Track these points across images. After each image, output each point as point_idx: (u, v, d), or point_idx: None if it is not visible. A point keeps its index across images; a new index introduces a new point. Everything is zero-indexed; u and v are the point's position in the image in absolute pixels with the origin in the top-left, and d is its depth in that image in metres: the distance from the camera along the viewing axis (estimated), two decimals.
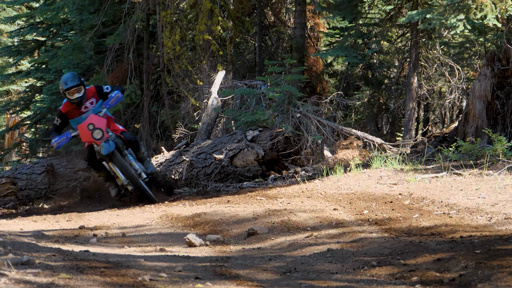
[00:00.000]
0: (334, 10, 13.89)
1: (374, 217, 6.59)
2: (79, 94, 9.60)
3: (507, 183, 7.39)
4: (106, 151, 9.44)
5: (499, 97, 9.72)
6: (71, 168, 13.23)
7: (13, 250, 4.35)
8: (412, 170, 8.66)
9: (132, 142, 9.93)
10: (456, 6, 10.21)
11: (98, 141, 9.46)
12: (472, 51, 14.24)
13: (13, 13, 19.77)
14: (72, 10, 14.16)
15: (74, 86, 9.55)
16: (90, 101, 9.79)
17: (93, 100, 9.79)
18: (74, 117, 9.75)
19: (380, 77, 15.47)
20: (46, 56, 15.34)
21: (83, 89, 9.64)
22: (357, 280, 4.08)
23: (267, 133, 11.14)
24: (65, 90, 9.61)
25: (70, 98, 9.62)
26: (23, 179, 13.05)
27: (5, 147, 19.45)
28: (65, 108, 9.79)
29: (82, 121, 9.59)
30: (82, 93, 9.62)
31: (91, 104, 9.74)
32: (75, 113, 9.76)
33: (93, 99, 9.79)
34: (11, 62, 18.63)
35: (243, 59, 17.16)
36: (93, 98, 9.80)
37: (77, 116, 9.72)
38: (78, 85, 9.58)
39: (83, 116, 9.64)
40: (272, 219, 6.74)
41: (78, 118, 9.69)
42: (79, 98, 9.60)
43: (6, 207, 12.62)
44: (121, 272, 3.90)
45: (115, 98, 9.56)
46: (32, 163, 13.84)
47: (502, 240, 4.96)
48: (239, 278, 4.10)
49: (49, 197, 12.98)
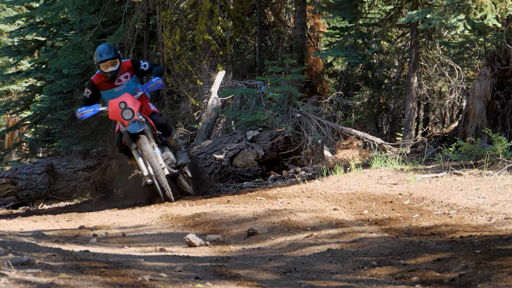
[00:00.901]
0: (334, 10, 13.89)
1: (374, 217, 6.59)
2: (113, 67, 8.96)
3: (507, 183, 7.39)
4: (133, 130, 8.82)
5: (499, 97, 9.72)
6: (71, 168, 13.23)
7: (13, 250, 4.35)
8: (412, 170, 8.66)
9: (162, 126, 9.28)
10: (456, 6, 10.21)
11: (126, 121, 8.85)
12: (472, 51, 14.24)
13: (13, 13, 19.76)
14: (72, 10, 14.15)
15: (110, 59, 8.91)
16: (124, 75, 9.13)
17: (128, 74, 9.14)
18: (106, 90, 9.13)
19: (380, 77, 15.47)
20: (46, 56, 15.34)
21: (118, 62, 8.98)
22: (357, 280, 4.08)
23: (267, 133, 11.15)
24: (99, 62, 8.95)
25: (103, 71, 8.96)
26: (23, 179, 13.05)
27: (5, 147, 19.45)
28: (97, 79, 9.13)
29: (114, 95, 9.02)
30: (117, 67, 8.98)
31: (126, 79, 9.12)
32: (107, 85, 9.12)
33: (127, 73, 9.14)
34: (11, 62, 18.63)
35: (243, 59, 17.16)
36: (128, 73, 9.14)
37: (109, 89, 9.12)
38: (113, 58, 8.93)
39: (115, 90, 9.06)
40: (272, 219, 6.75)
41: (110, 91, 9.10)
42: (114, 72, 8.96)
43: (6, 207, 12.63)
44: (121, 272, 3.90)
45: (154, 84, 8.95)
46: (32, 163, 13.86)
47: (502, 240, 4.96)
48: (239, 278, 4.10)
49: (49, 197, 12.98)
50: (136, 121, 8.87)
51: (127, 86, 9.09)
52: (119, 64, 9.00)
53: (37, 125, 16.45)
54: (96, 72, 9.21)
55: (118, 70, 9.01)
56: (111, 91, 9.08)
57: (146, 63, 9.18)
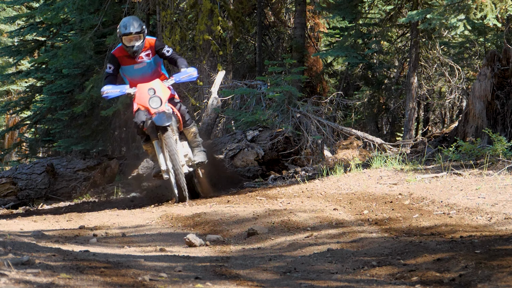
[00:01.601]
0: (334, 10, 13.90)
1: (374, 217, 6.59)
2: (137, 42, 8.42)
3: (507, 183, 7.39)
4: (158, 123, 8.25)
5: (499, 97, 9.72)
6: (71, 168, 13.24)
7: (13, 250, 4.35)
8: (412, 170, 8.66)
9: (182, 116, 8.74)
10: (456, 6, 10.21)
11: (151, 110, 8.35)
12: (472, 51, 14.25)
13: (13, 13, 19.76)
14: (72, 10, 14.15)
15: (134, 33, 8.37)
16: (146, 53, 8.60)
17: (150, 52, 8.59)
18: (125, 65, 8.61)
19: (380, 77, 15.47)
20: (46, 56, 15.34)
21: (142, 38, 8.43)
22: (357, 280, 4.08)
23: (267, 133, 11.15)
24: (122, 34, 8.39)
25: (126, 44, 8.44)
26: (23, 179, 13.06)
27: (5, 147, 19.45)
28: (118, 52, 8.59)
29: (133, 72, 8.56)
30: (141, 43, 8.43)
31: (147, 57, 8.58)
32: (127, 61, 8.60)
33: (149, 51, 8.58)
34: (11, 62, 18.63)
35: (243, 59, 17.16)
36: (150, 51, 8.58)
37: (128, 65, 8.59)
38: (138, 33, 8.38)
39: (134, 67, 8.55)
40: (272, 219, 6.74)
41: (129, 67, 8.58)
42: (137, 47, 8.41)
43: (6, 207, 12.63)
44: (121, 272, 3.90)
45: (188, 75, 8.39)
46: (32, 163, 13.86)
47: (502, 240, 4.96)
48: (239, 278, 4.10)
49: (49, 197, 12.98)
50: (164, 112, 8.34)
51: (147, 64, 8.61)
52: (143, 40, 8.47)
53: (37, 125, 16.46)
54: (117, 46, 8.75)
55: (141, 46, 8.47)
56: (130, 68, 8.60)
57: (170, 49, 8.64)
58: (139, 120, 8.50)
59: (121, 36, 8.44)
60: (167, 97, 8.44)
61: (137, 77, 8.68)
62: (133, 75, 8.65)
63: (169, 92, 8.50)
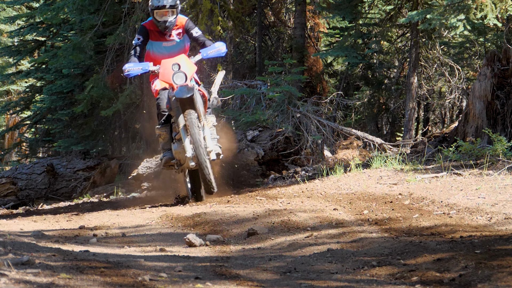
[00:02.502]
0: (334, 10, 13.90)
1: (374, 217, 6.59)
2: (170, 17, 7.94)
3: (507, 183, 7.39)
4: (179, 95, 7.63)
5: (499, 97, 9.72)
6: (71, 168, 13.24)
7: (13, 250, 4.35)
8: (412, 170, 8.66)
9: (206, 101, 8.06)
10: (456, 6, 10.21)
11: (175, 86, 7.79)
12: (472, 51, 14.25)
13: (13, 13, 19.76)
14: (72, 10, 14.15)
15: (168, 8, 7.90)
16: (177, 32, 8.12)
17: (180, 31, 8.13)
18: (154, 40, 8.13)
19: (380, 77, 15.47)
20: (46, 56, 15.34)
21: (176, 13, 7.96)
22: (357, 280, 4.08)
23: (267, 133, 11.15)
24: (154, 8, 7.92)
25: (157, 19, 7.96)
26: (23, 179, 13.06)
27: (5, 147, 19.45)
28: (149, 25, 8.10)
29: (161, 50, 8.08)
30: (173, 18, 7.95)
31: (178, 36, 8.11)
32: (156, 36, 8.11)
33: (180, 30, 8.11)
34: (11, 62, 18.62)
35: (243, 59, 17.16)
36: (181, 30, 8.11)
37: (157, 41, 8.11)
38: (172, 7, 7.91)
39: (163, 44, 8.08)
40: (272, 219, 6.74)
41: (157, 43, 8.09)
42: (169, 23, 7.93)
43: (6, 207, 12.63)
44: (121, 272, 3.90)
45: (216, 50, 7.87)
46: (32, 163, 13.86)
47: (502, 240, 4.96)
48: (239, 278, 4.10)
49: (49, 197, 12.98)
50: (186, 85, 7.77)
51: (176, 44, 8.13)
52: (176, 16, 7.99)
53: (37, 125, 16.46)
54: (147, 19, 8.25)
55: (173, 23, 7.99)
56: (159, 44, 8.12)
57: (200, 31, 8.21)
58: (162, 101, 7.99)
59: (153, 10, 7.96)
60: (192, 73, 7.88)
61: (164, 55, 8.15)
62: (160, 53, 8.14)
63: (195, 68, 7.95)
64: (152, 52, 8.22)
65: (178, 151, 8.03)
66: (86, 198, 12.57)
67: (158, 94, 8.11)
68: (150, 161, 11.41)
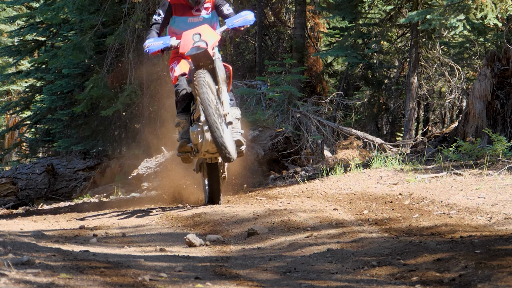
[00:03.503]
0: (334, 10, 13.90)
1: (374, 217, 6.59)
2: None
3: (507, 183, 7.39)
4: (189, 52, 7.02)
5: (499, 97, 9.72)
6: (71, 168, 13.24)
7: (13, 250, 4.35)
8: (412, 170, 8.66)
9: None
10: (456, 7, 10.21)
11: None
12: (472, 51, 14.25)
13: (13, 13, 19.76)
14: (72, 10, 14.15)
15: None
16: (206, 6, 7.56)
17: (209, 6, 7.57)
18: (178, 15, 7.54)
19: (380, 77, 15.47)
20: (46, 56, 15.34)
21: None
22: (357, 280, 4.08)
23: (267, 133, 11.15)
24: None
25: None
26: (23, 179, 13.06)
27: (5, 147, 19.46)
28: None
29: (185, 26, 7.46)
30: None
31: (206, 11, 7.55)
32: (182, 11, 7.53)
33: (209, 5, 7.56)
34: (11, 62, 18.62)
35: (243, 59, 17.16)
36: (210, 4, 7.57)
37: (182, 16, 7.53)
38: None
39: (188, 20, 7.49)
40: (272, 219, 6.74)
41: (183, 18, 7.51)
42: None
43: (6, 207, 12.63)
44: (121, 272, 3.90)
45: (243, 19, 7.24)
46: (32, 163, 13.86)
47: (502, 240, 4.96)
48: (239, 278, 4.10)
49: (49, 197, 12.98)
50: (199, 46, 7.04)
51: (203, 20, 7.56)
52: None
53: (37, 125, 16.46)
54: None
55: None
56: (184, 20, 7.54)
57: (231, 9, 7.59)
58: (181, 87, 7.41)
59: None
60: (215, 42, 7.21)
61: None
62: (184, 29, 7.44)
63: (218, 38, 7.27)
64: (175, 29, 7.63)
65: (195, 132, 7.25)
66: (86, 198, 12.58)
67: (177, 80, 7.53)
68: (150, 161, 11.41)
